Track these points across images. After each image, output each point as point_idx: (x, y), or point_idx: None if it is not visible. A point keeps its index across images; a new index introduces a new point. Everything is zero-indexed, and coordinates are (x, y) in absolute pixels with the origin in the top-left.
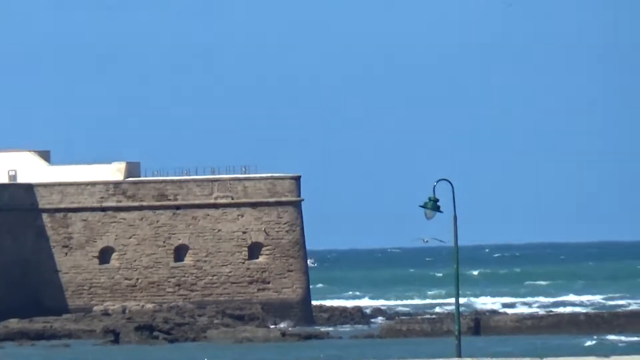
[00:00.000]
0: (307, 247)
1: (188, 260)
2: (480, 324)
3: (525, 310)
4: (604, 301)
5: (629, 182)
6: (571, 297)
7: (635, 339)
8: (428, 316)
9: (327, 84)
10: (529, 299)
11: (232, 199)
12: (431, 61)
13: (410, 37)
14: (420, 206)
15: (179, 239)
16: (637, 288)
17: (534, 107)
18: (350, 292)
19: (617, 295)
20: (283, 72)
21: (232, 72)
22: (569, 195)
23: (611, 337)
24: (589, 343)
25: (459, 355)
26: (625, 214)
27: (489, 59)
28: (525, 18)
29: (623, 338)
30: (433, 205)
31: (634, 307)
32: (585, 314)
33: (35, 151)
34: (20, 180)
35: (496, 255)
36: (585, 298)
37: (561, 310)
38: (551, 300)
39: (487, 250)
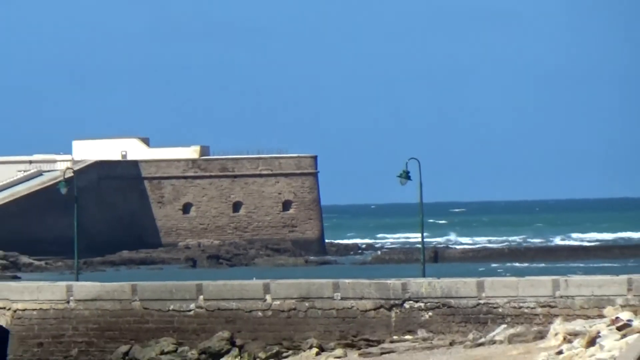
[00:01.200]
0: (322, 203)
1: (242, 212)
2: (438, 254)
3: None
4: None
5: None
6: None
7: (543, 265)
8: (404, 249)
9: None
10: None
11: (271, 171)
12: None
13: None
14: (397, 176)
15: (236, 198)
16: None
17: None
18: (351, 233)
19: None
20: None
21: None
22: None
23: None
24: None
25: (424, 276)
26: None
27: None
28: None
29: (543, 265)
30: (405, 175)
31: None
32: (510, 247)
33: (139, 137)
34: (129, 158)
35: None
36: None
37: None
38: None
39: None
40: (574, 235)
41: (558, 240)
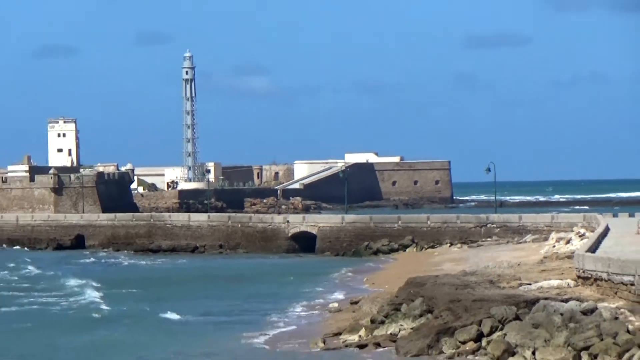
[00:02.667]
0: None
1: (418, 185)
2: (502, 203)
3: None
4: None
5: None
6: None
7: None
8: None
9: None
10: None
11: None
12: None
13: None
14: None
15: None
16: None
17: None
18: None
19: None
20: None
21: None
22: None
23: None
24: None
25: (495, 212)
26: None
27: None
28: None
29: None
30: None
31: None
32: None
33: (374, 152)
34: (370, 161)
35: None
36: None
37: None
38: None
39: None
40: None
41: None
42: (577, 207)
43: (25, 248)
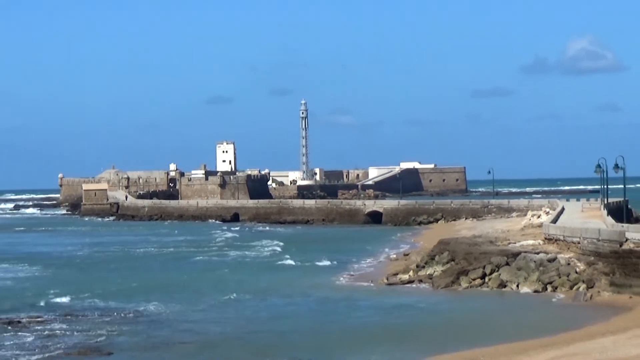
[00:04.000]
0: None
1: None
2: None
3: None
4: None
5: None
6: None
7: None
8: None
9: None
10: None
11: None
12: None
13: None
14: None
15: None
16: None
17: None
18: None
19: None
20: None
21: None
22: None
23: None
24: None
25: (494, 197)
26: None
27: None
28: None
29: None
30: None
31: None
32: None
33: (418, 161)
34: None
35: None
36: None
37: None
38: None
39: None
40: None
41: None
42: (545, 195)
43: (203, 221)
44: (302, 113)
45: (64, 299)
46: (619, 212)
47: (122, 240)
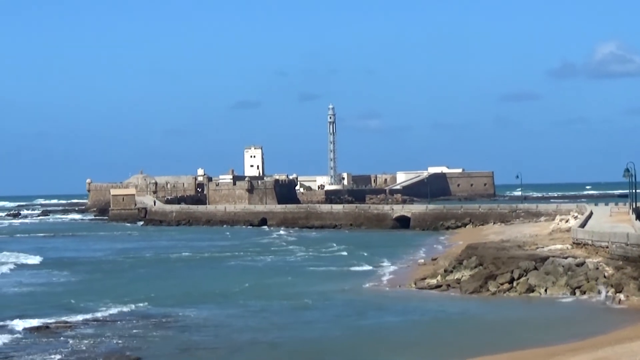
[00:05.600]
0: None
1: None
2: (526, 198)
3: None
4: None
5: None
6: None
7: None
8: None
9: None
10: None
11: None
12: None
13: None
14: None
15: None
16: None
17: None
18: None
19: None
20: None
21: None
22: None
23: None
24: None
25: (522, 202)
26: None
27: None
28: None
29: None
30: None
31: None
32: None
33: (446, 165)
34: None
35: None
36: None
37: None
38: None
39: None
40: None
41: None
42: (573, 199)
43: (230, 226)
44: (330, 118)
45: (93, 304)
46: None
47: (165, 245)
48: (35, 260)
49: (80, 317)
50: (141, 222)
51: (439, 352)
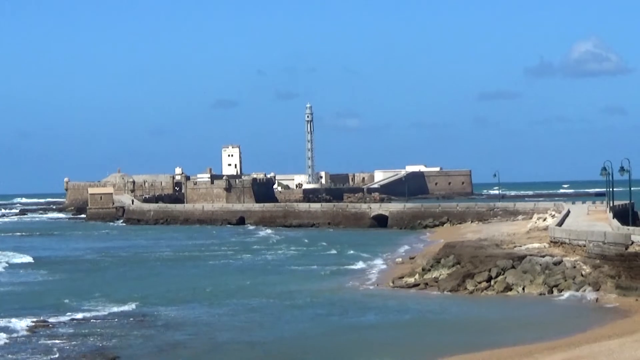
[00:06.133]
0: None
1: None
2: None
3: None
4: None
5: None
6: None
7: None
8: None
9: None
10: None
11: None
12: None
13: None
14: None
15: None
16: None
17: None
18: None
19: None
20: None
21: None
22: None
23: None
24: None
25: (499, 201)
26: None
27: None
28: None
29: None
30: None
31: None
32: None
33: (423, 164)
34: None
35: None
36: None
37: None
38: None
39: None
40: None
41: None
42: (550, 198)
43: (208, 225)
44: (308, 117)
45: (73, 304)
46: (625, 215)
47: (145, 244)
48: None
49: (59, 317)
50: (120, 221)
51: (417, 351)
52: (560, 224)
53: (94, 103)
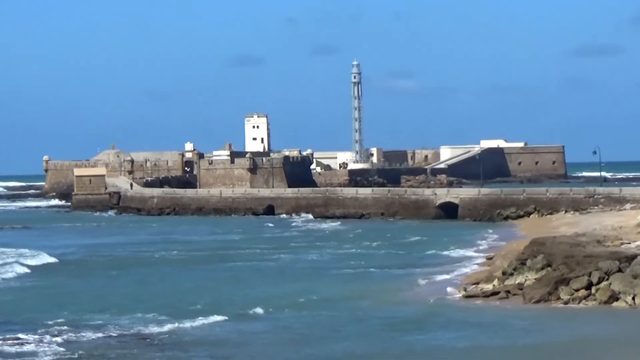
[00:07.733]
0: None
1: None
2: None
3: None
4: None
5: None
6: None
7: None
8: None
9: None
10: None
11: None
12: None
13: None
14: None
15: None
16: None
17: None
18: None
19: None
20: None
21: None
22: None
23: None
24: None
25: (600, 185)
26: None
27: None
28: None
29: None
30: None
31: None
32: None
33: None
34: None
35: None
36: None
37: None
38: None
39: None
40: None
41: None
42: None
43: (227, 216)
44: (354, 77)
45: (52, 316)
46: None
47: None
48: None
49: (32, 331)
50: (113, 211)
51: None
52: None
53: (81, 62)
